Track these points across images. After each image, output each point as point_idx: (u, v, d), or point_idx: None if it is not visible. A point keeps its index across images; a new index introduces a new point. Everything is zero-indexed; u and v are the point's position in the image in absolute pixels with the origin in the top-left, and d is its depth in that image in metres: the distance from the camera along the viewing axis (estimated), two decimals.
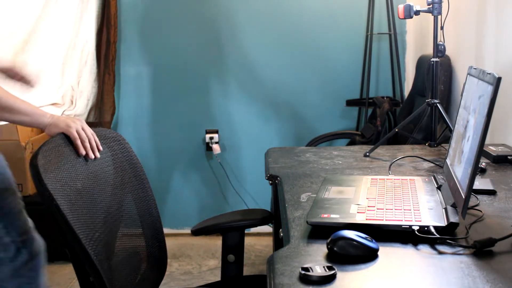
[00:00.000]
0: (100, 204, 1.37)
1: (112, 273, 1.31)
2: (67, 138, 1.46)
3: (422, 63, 2.76)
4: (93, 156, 1.44)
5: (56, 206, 1.20)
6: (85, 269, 1.26)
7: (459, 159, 1.26)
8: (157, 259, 1.57)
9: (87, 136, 1.48)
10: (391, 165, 1.76)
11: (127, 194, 1.50)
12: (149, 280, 1.53)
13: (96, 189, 1.38)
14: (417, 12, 2.00)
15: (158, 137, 3.40)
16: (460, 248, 1.08)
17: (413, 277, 0.98)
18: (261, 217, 1.72)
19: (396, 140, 2.64)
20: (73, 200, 1.26)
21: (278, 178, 1.66)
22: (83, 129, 1.49)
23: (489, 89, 1.10)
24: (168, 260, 3.17)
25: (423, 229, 1.12)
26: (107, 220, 1.37)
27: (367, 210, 1.23)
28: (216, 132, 3.40)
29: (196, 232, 1.71)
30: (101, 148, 1.49)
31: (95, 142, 1.49)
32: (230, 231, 1.68)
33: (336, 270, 0.96)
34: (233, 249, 1.67)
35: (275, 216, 1.84)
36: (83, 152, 1.43)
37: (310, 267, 0.96)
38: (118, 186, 1.48)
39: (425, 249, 1.08)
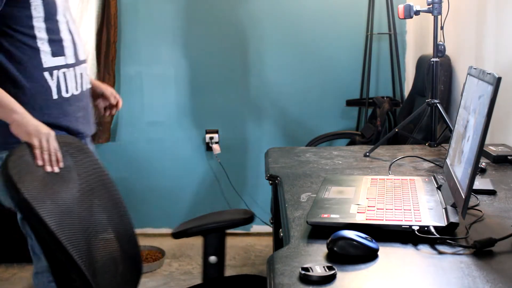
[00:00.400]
0: (74, 211, 1.35)
1: (97, 279, 1.30)
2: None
3: (422, 63, 2.76)
4: (49, 169, 1.40)
5: (36, 216, 1.17)
6: (67, 280, 1.24)
7: (459, 159, 1.26)
8: (132, 260, 1.56)
9: (49, 149, 1.46)
10: (391, 165, 1.76)
11: (95, 200, 1.47)
12: (128, 282, 1.52)
13: (67, 194, 1.36)
14: (417, 12, 1.99)
15: (158, 137, 3.40)
16: (460, 248, 1.08)
17: (413, 277, 0.98)
18: (242, 217, 1.70)
19: (396, 140, 2.64)
20: (50, 208, 1.24)
21: (278, 178, 1.66)
22: (47, 141, 1.48)
23: (489, 89, 1.10)
24: (168, 260, 3.20)
25: (423, 229, 1.12)
26: (83, 226, 1.35)
27: (367, 210, 1.23)
28: (216, 132, 3.40)
29: (176, 235, 1.69)
30: (61, 164, 1.44)
31: (56, 157, 1.45)
32: (211, 233, 1.66)
33: (336, 270, 0.96)
34: (214, 251, 1.66)
35: (275, 216, 1.83)
36: (40, 163, 1.40)
37: (310, 267, 0.96)
38: (85, 192, 1.44)
39: (425, 249, 1.08)
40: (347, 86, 3.34)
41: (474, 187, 1.40)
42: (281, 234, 1.34)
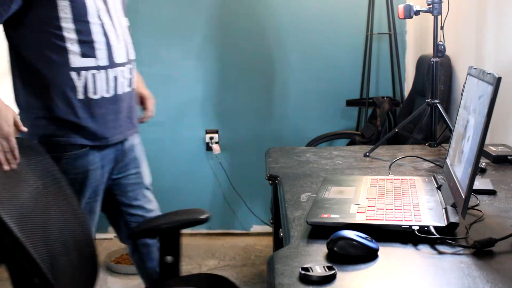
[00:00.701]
0: (33, 213, 1.34)
1: (57, 282, 1.29)
2: None
3: (422, 63, 2.76)
4: (6, 168, 1.40)
5: None
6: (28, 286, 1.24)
7: (459, 159, 1.26)
8: (89, 261, 1.56)
9: (4, 148, 1.44)
10: (391, 165, 1.76)
11: (51, 201, 1.46)
12: (85, 283, 1.52)
13: (24, 196, 1.35)
14: (417, 12, 2.00)
15: (158, 137, 3.40)
16: (460, 248, 1.08)
17: (413, 277, 0.98)
18: (197, 218, 1.71)
19: (396, 140, 2.64)
20: (9, 210, 1.22)
21: (278, 178, 1.66)
22: (6, 139, 1.46)
23: (489, 89, 1.10)
24: None
25: (423, 229, 1.12)
26: (41, 228, 1.34)
27: (367, 210, 1.23)
28: (216, 132, 3.40)
29: (132, 236, 1.70)
30: (18, 159, 1.44)
31: (13, 155, 1.44)
32: (166, 233, 1.67)
33: (336, 270, 0.96)
34: (170, 250, 1.66)
35: (275, 216, 1.83)
36: None
37: (310, 267, 0.96)
38: (42, 194, 1.44)
39: (425, 249, 1.08)
40: (347, 86, 3.34)
41: (474, 187, 1.40)
42: (281, 234, 1.34)
